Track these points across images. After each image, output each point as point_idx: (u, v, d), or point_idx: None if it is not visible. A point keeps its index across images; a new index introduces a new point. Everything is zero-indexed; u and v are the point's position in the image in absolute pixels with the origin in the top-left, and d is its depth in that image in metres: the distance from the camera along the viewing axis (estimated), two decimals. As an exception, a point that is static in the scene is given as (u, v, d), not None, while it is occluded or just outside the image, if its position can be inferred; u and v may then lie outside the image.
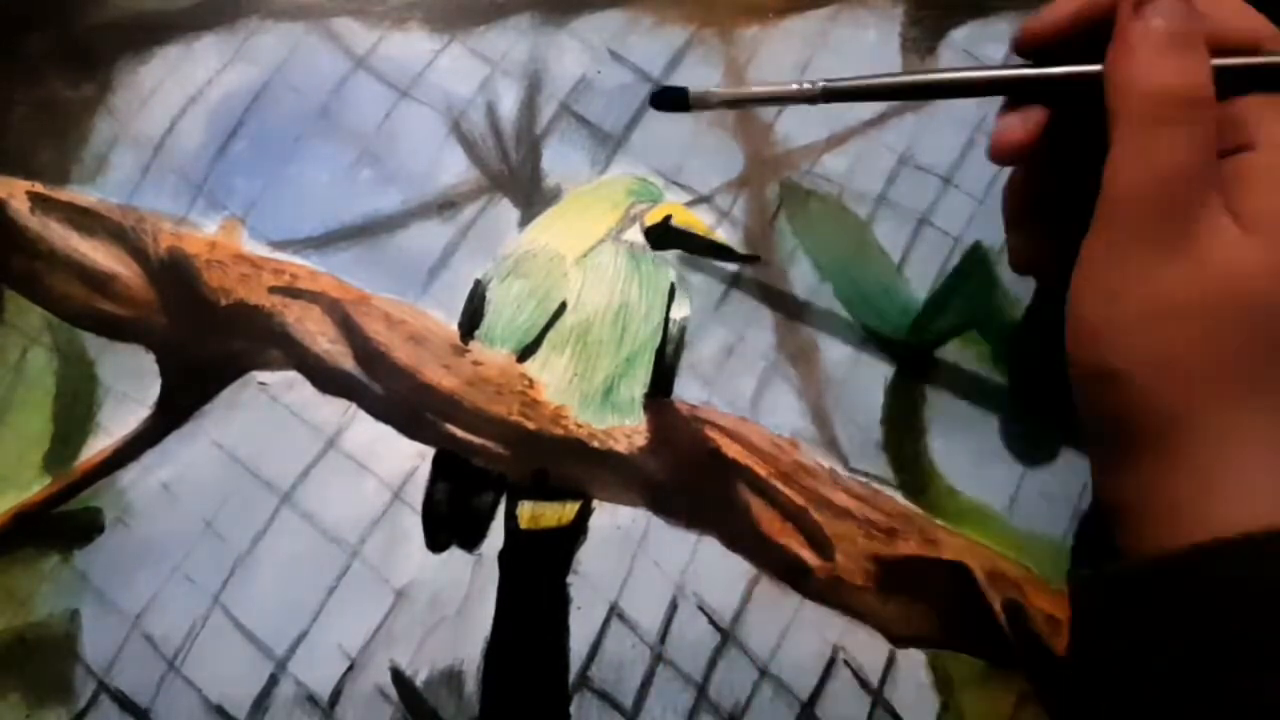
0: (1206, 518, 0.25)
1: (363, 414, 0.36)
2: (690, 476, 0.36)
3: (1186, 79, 0.25)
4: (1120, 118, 0.26)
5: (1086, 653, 0.27)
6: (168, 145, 0.40)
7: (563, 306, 0.37)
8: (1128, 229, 0.26)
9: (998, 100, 0.41)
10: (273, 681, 0.34)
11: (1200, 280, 0.25)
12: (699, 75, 0.41)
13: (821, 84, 0.31)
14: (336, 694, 0.33)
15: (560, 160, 0.40)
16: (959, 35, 0.42)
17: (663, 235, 0.38)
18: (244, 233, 0.39)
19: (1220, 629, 0.24)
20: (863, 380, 0.37)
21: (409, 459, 0.36)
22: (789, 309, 0.38)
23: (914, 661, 0.34)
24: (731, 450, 0.36)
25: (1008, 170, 0.37)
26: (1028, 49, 0.30)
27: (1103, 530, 0.28)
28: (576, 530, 0.35)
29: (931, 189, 0.39)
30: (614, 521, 0.35)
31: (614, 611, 0.34)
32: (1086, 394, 0.27)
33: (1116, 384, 0.26)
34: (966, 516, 0.35)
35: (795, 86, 0.32)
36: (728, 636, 0.34)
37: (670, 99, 0.34)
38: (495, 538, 0.35)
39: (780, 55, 0.41)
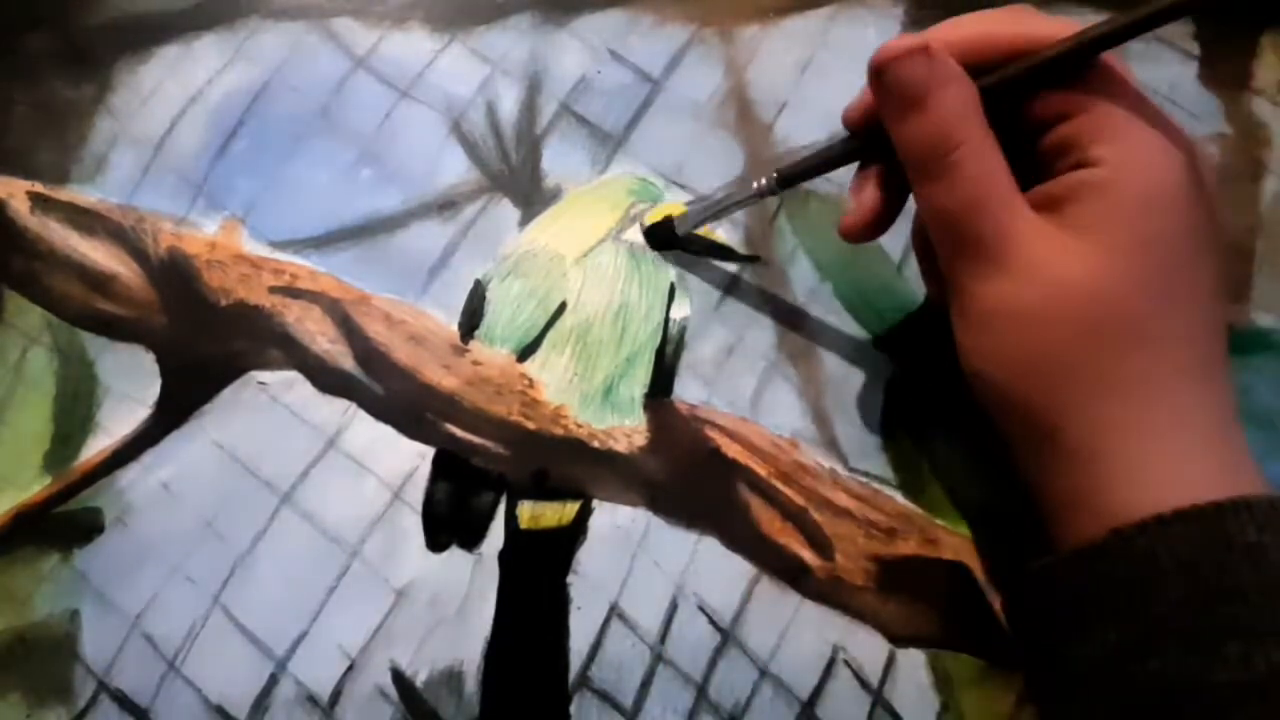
0: (1103, 511, 0.26)
1: (363, 414, 0.36)
2: (690, 476, 0.36)
3: (930, 136, 0.27)
4: (908, 178, 0.28)
5: (1024, 646, 0.29)
6: (168, 145, 0.40)
7: (563, 306, 0.37)
8: (952, 265, 0.28)
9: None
10: (273, 681, 0.34)
11: (1028, 289, 0.26)
12: (699, 75, 0.41)
13: (773, 175, 0.34)
14: (336, 694, 0.33)
15: (560, 160, 0.40)
16: (959, 35, 0.42)
17: (663, 235, 0.38)
18: (244, 233, 0.39)
19: (1125, 617, 0.25)
20: (863, 380, 0.37)
21: (409, 459, 0.36)
22: (789, 309, 0.38)
23: (914, 661, 0.34)
24: (731, 450, 0.36)
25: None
26: (852, 127, 0.32)
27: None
28: (576, 530, 0.35)
29: (931, 189, 0.39)
30: (614, 521, 0.35)
31: (614, 611, 0.34)
32: (977, 399, 0.29)
33: (992, 390, 0.28)
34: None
35: (754, 185, 0.34)
36: (728, 636, 0.34)
37: (661, 234, 0.37)
38: (495, 538, 0.35)
39: (780, 55, 0.41)
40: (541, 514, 0.35)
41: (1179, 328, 0.26)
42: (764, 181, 0.34)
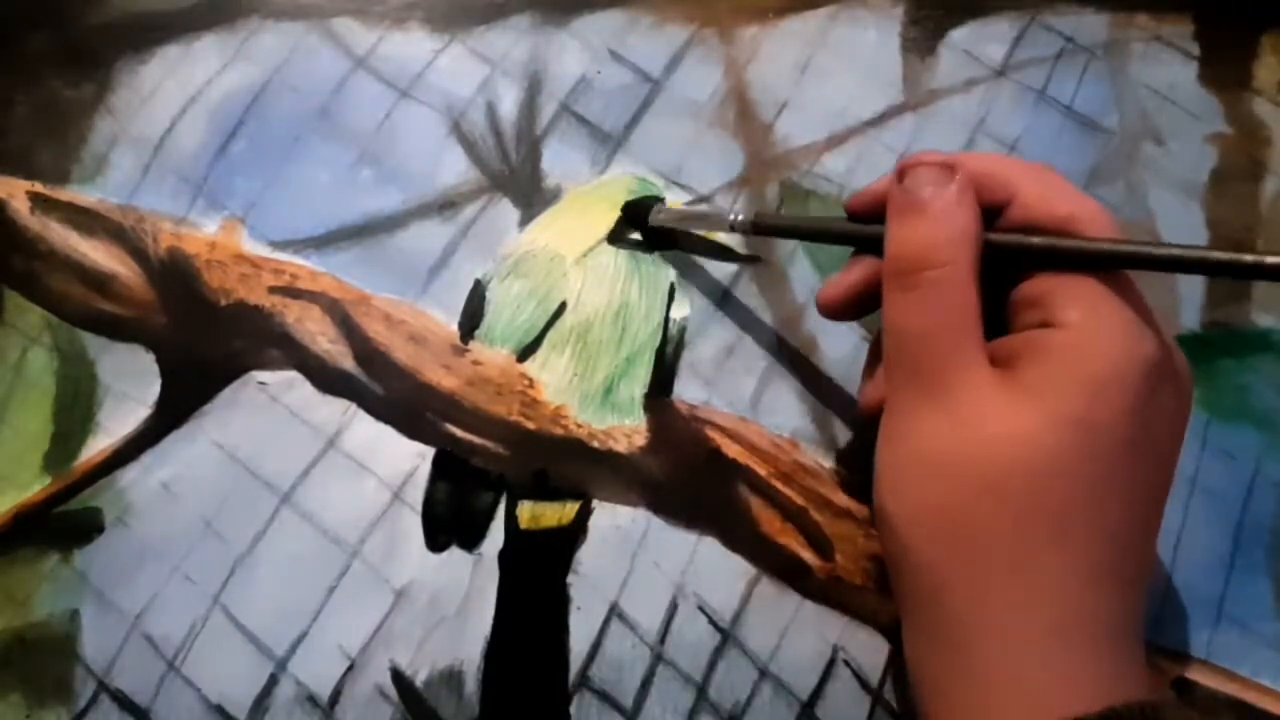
0: (970, 710, 0.24)
1: (363, 414, 0.36)
2: (690, 476, 0.36)
3: (922, 246, 0.27)
4: (883, 279, 0.28)
5: None
6: (168, 145, 0.40)
7: (563, 306, 0.37)
8: (895, 380, 0.27)
9: (997, 102, 0.41)
10: (273, 681, 0.34)
11: (957, 438, 0.25)
12: (699, 75, 0.41)
13: (752, 218, 0.34)
14: (336, 694, 0.33)
15: (560, 160, 0.40)
16: (959, 35, 0.42)
17: (663, 235, 0.38)
18: (244, 233, 0.39)
19: None
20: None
21: (409, 459, 0.36)
22: (789, 309, 0.38)
23: (914, 661, 0.34)
24: (731, 450, 0.36)
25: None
26: (852, 213, 0.31)
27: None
28: (576, 530, 0.35)
29: (931, 189, 0.39)
30: (614, 521, 0.35)
31: (614, 611, 0.34)
32: (878, 531, 0.28)
33: (893, 527, 0.26)
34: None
35: (732, 217, 0.34)
36: (728, 636, 0.34)
37: (636, 212, 0.37)
38: (495, 538, 0.35)
39: (780, 55, 0.41)
40: (541, 514, 0.35)
41: (1106, 525, 0.25)
42: (739, 217, 0.34)
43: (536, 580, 0.35)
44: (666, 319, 0.37)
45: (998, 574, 0.24)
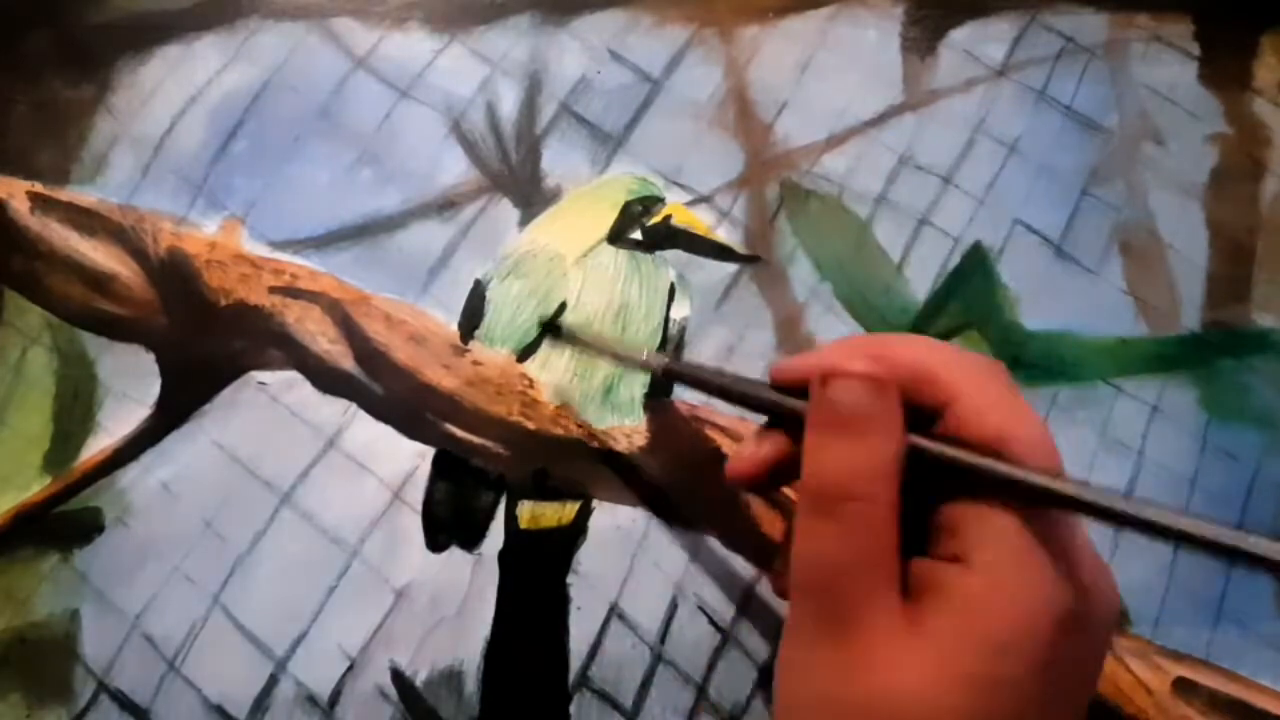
0: None
1: (363, 414, 0.36)
2: (690, 476, 0.36)
3: (842, 473, 0.24)
4: (797, 497, 0.25)
5: None
6: (168, 145, 0.40)
7: (563, 306, 0.37)
8: (799, 607, 0.25)
9: (997, 102, 0.41)
10: (273, 681, 0.34)
11: (855, 679, 0.24)
12: (699, 75, 0.41)
13: (664, 361, 0.30)
14: (336, 694, 0.33)
15: (560, 160, 0.40)
16: (959, 35, 0.42)
17: (663, 235, 0.38)
18: (244, 233, 0.39)
19: None
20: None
21: (409, 459, 0.36)
22: (789, 309, 0.38)
23: (914, 661, 0.34)
24: (731, 450, 0.36)
25: (1009, 170, 0.37)
26: (778, 382, 0.28)
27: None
28: (576, 530, 0.35)
29: (931, 189, 0.39)
30: (614, 521, 0.35)
31: (614, 611, 0.34)
32: None
33: None
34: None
35: (645, 355, 0.31)
36: (728, 636, 0.34)
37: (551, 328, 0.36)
38: (495, 538, 0.35)
39: (780, 55, 0.41)
40: (541, 514, 0.35)
41: None
42: (652, 360, 0.30)
43: (536, 580, 0.35)
44: (666, 319, 0.37)
45: None
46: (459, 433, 0.36)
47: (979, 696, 0.23)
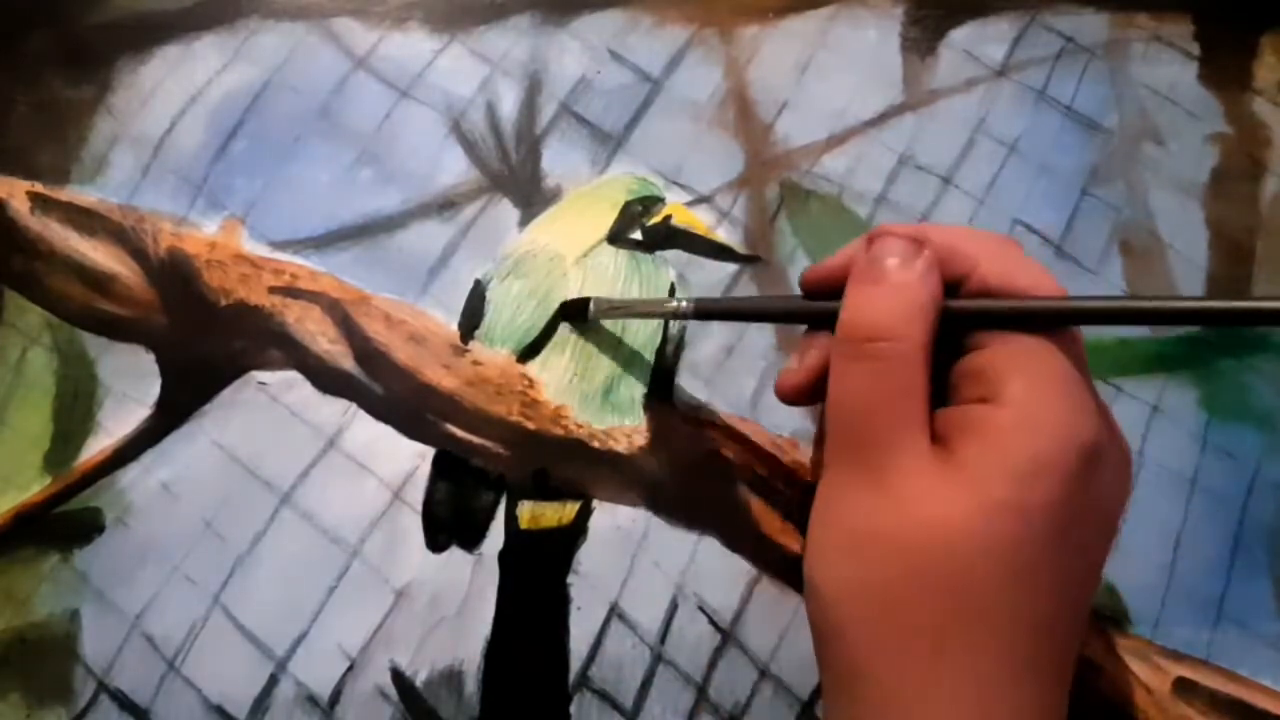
0: None
1: (363, 414, 0.36)
2: (690, 476, 0.36)
3: (877, 317, 0.26)
4: (833, 345, 0.27)
5: None
6: (168, 145, 0.40)
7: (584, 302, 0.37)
8: (832, 452, 0.26)
9: (997, 102, 0.41)
10: (273, 681, 0.34)
11: (888, 514, 0.25)
12: (699, 75, 0.41)
13: (694, 302, 0.33)
14: (336, 694, 0.33)
15: (560, 160, 0.40)
16: (959, 35, 0.42)
17: (663, 235, 0.38)
18: (244, 233, 0.39)
19: None
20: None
21: (409, 459, 0.36)
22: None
23: (914, 661, 0.34)
24: (731, 450, 0.36)
25: (1009, 170, 0.37)
26: (807, 289, 0.30)
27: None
28: (576, 530, 0.35)
29: (931, 189, 0.39)
30: (614, 521, 0.35)
31: (614, 611, 0.34)
32: (806, 604, 0.27)
33: (820, 600, 0.26)
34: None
35: (674, 304, 0.34)
36: (728, 636, 0.34)
37: (575, 309, 0.36)
38: (495, 538, 0.35)
39: (780, 55, 0.41)
40: (541, 514, 0.35)
41: (1032, 615, 0.24)
42: (682, 304, 0.33)
43: (536, 580, 0.35)
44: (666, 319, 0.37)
45: (920, 658, 0.24)
46: (459, 433, 0.36)
47: (1011, 522, 0.24)
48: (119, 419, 0.36)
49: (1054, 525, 0.24)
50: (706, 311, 0.33)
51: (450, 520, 0.35)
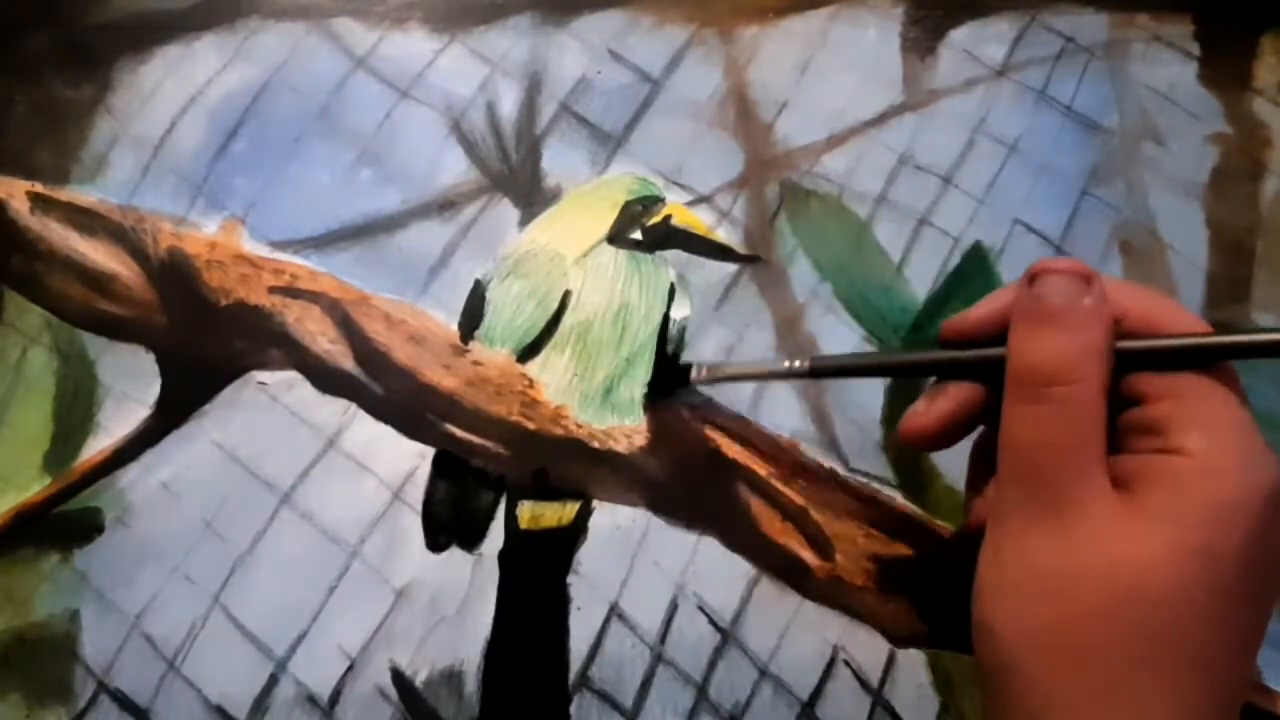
0: None
1: (363, 414, 0.36)
2: (690, 476, 0.36)
3: (1054, 358, 0.26)
4: (1005, 388, 0.27)
5: None
6: (168, 145, 0.40)
7: (563, 306, 0.37)
8: (1010, 494, 0.26)
9: (997, 102, 0.41)
10: (273, 681, 0.34)
11: (1075, 554, 0.25)
12: (699, 75, 0.41)
13: (810, 363, 0.32)
14: (336, 694, 0.33)
15: (560, 160, 0.40)
16: (959, 35, 0.42)
17: (663, 235, 0.38)
18: (244, 233, 0.39)
19: None
20: (863, 380, 0.37)
21: (409, 459, 0.36)
22: (789, 309, 0.38)
23: (914, 661, 0.34)
24: (731, 450, 0.36)
25: (1009, 170, 0.37)
26: (948, 339, 0.30)
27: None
28: (576, 530, 0.35)
29: (931, 189, 0.39)
30: (614, 521, 0.35)
31: (614, 611, 0.34)
32: (975, 646, 0.27)
33: (995, 641, 0.26)
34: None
35: (786, 365, 0.33)
36: (728, 636, 0.34)
37: (672, 376, 0.36)
38: (495, 538, 0.35)
39: (780, 55, 0.41)
40: (541, 514, 0.35)
41: (1220, 655, 0.24)
42: (797, 364, 0.32)
43: (536, 580, 0.35)
44: (666, 319, 0.37)
45: (1107, 698, 0.24)
46: (459, 433, 0.36)
47: (1200, 567, 0.24)
48: (119, 419, 0.36)
49: (1242, 570, 0.24)
50: (823, 370, 0.32)
51: (450, 520, 0.35)
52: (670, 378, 0.36)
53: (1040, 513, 0.25)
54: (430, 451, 0.36)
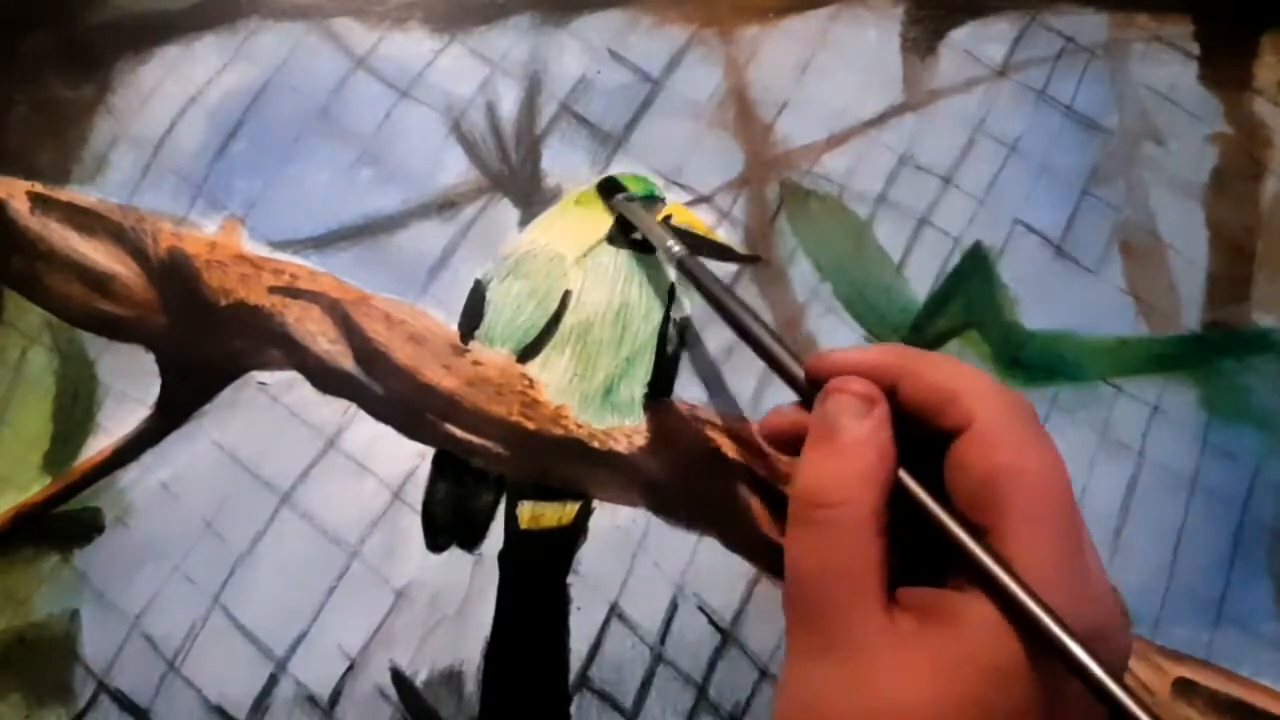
0: None
1: (363, 414, 0.36)
2: (690, 476, 0.36)
3: (824, 481, 0.25)
4: (789, 505, 0.26)
5: None
6: (168, 145, 0.40)
7: (563, 306, 0.37)
8: (790, 620, 0.25)
9: (997, 102, 0.41)
10: (273, 681, 0.34)
11: (849, 696, 0.23)
12: (699, 75, 0.41)
13: (685, 252, 0.33)
14: (336, 694, 0.33)
15: (560, 160, 0.40)
16: (959, 35, 0.42)
17: (610, 189, 0.38)
18: (244, 233, 0.39)
19: None
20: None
21: (409, 459, 0.36)
22: (789, 309, 0.38)
23: (914, 661, 0.34)
24: (731, 450, 0.36)
25: (1009, 170, 0.37)
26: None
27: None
28: (576, 530, 0.35)
29: (931, 189, 0.39)
30: (614, 521, 0.35)
31: (614, 611, 0.34)
32: None
33: None
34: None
35: (671, 244, 0.34)
36: (728, 636, 0.34)
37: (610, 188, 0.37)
38: (495, 538, 0.35)
39: (780, 55, 0.41)
40: (541, 514, 0.35)
41: None
42: (675, 248, 0.34)
43: (536, 580, 0.35)
44: (666, 319, 0.37)
45: None
46: (459, 433, 0.36)
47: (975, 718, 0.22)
48: (119, 419, 0.36)
49: None
50: (688, 270, 0.32)
51: (450, 520, 0.35)
52: (607, 192, 0.36)
53: (816, 642, 0.24)
54: (430, 451, 0.36)
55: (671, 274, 0.38)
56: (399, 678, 0.34)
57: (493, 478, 0.36)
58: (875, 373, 0.26)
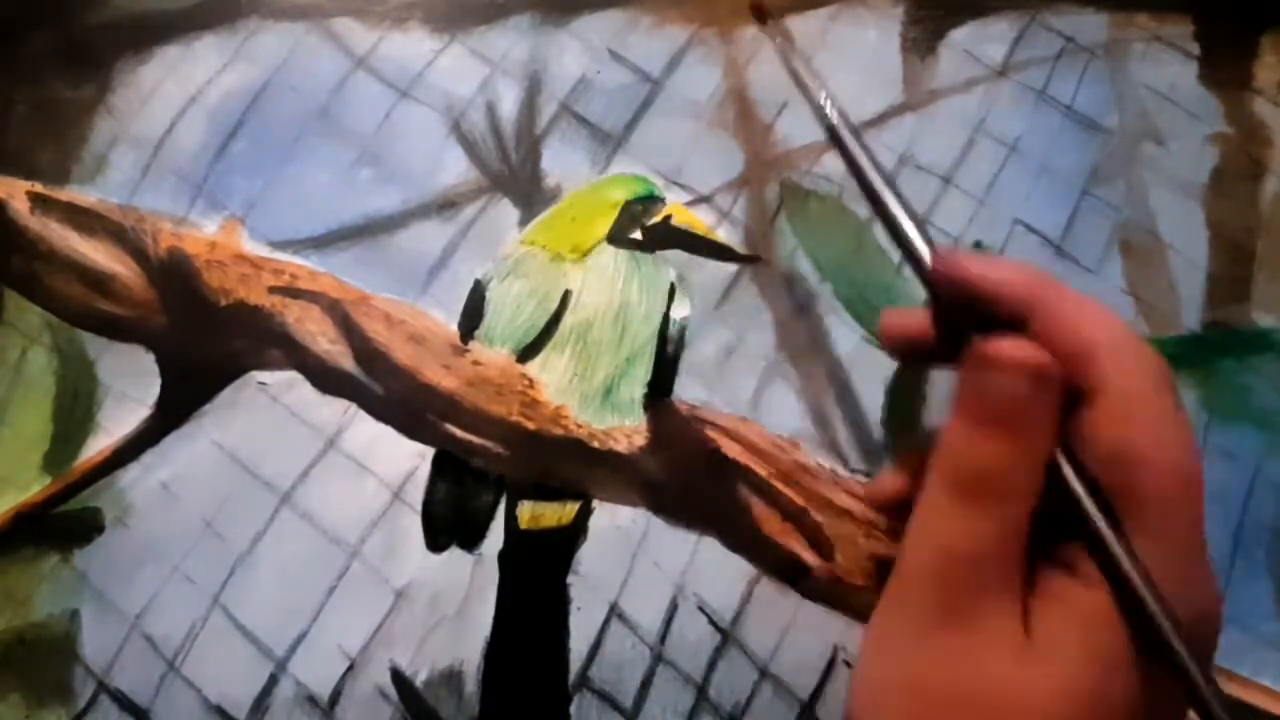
0: None
1: (363, 414, 0.36)
2: (690, 476, 0.36)
3: (996, 467, 0.23)
4: (930, 476, 0.24)
5: None
6: (168, 145, 0.40)
7: (563, 306, 0.37)
8: (911, 591, 0.24)
9: (997, 102, 0.41)
10: (273, 681, 0.34)
11: (962, 676, 0.23)
12: (699, 75, 0.41)
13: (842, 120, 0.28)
14: (336, 694, 0.33)
15: (560, 160, 0.40)
16: (959, 35, 0.42)
17: (663, 235, 0.38)
18: (244, 233, 0.39)
19: None
20: (863, 380, 0.37)
21: (409, 459, 0.36)
22: (789, 309, 0.38)
23: (914, 661, 0.34)
24: (731, 450, 0.36)
25: (1009, 170, 0.37)
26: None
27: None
28: (576, 530, 0.35)
29: (931, 189, 0.39)
30: (614, 521, 0.35)
31: (614, 611, 0.34)
32: None
33: None
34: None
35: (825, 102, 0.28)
36: (728, 636, 0.34)
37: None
38: (495, 538, 0.35)
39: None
40: (541, 514, 0.35)
41: None
42: (830, 109, 0.28)
43: (536, 580, 0.35)
44: (666, 319, 0.37)
45: None
46: (459, 433, 0.36)
47: (1092, 713, 0.22)
48: (119, 419, 0.36)
49: (1134, 714, 0.23)
50: (837, 139, 0.27)
51: (450, 520, 0.35)
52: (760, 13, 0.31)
53: (937, 618, 0.23)
54: (430, 451, 0.36)
55: (671, 274, 0.38)
56: (399, 678, 0.34)
57: (493, 478, 0.36)
58: (1013, 299, 0.24)
